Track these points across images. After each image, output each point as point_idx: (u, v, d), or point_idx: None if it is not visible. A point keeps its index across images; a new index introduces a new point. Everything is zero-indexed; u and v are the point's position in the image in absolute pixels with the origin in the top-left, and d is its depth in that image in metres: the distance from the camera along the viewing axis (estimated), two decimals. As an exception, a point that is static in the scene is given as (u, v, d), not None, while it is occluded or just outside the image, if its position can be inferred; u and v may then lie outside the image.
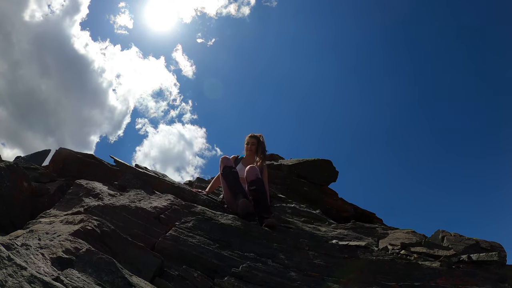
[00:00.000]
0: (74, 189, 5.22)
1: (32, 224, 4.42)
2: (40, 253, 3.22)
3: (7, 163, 5.55)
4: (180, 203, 4.87)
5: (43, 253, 3.21)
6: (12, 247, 3.28)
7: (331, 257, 4.20)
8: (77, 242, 3.36)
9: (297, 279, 3.75)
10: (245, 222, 4.77)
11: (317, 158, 11.43)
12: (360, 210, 10.64)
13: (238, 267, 3.81)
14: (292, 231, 4.85)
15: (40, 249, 3.29)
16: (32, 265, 2.76)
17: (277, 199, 8.61)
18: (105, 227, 3.80)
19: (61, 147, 7.51)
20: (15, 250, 3.19)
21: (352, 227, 6.11)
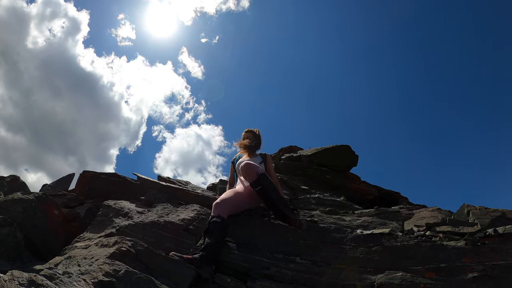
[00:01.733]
0: (103, 210, 5.41)
1: (68, 249, 4.63)
2: (82, 279, 3.42)
3: (36, 195, 5.79)
4: (206, 211, 5.04)
5: (84, 279, 3.41)
6: (55, 277, 3.48)
7: (357, 248, 4.31)
8: (115, 264, 3.56)
9: (325, 273, 3.90)
10: (271, 222, 4.93)
11: (336, 145, 11.47)
12: (384, 191, 10.68)
13: (268, 268, 3.98)
14: (317, 225, 4.98)
15: (81, 275, 3.50)
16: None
17: (301, 190, 8.69)
18: (139, 246, 4.01)
19: (84, 170, 7.75)
20: (59, 280, 3.39)
21: (376, 213, 6.18)
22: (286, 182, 8.99)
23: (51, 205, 5.83)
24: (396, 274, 3.86)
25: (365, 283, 3.81)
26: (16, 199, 5.59)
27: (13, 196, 5.78)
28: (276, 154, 13.03)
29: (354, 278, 3.90)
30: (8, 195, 6.01)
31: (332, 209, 6.70)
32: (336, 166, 11.10)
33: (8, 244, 4.89)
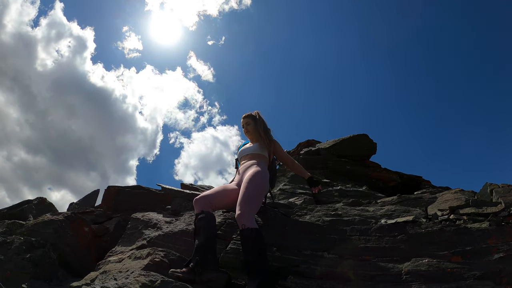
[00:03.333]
0: (132, 223, 5.53)
1: (102, 264, 4.78)
2: (121, 292, 3.55)
3: (65, 215, 5.97)
4: (233, 215, 5.15)
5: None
6: (94, 292, 3.63)
7: (382, 238, 4.38)
8: (150, 275, 3.69)
9: (353, 266, 3.99)
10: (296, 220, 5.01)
11: (353, 135, 11.52)
12: (406, 176, 10.71)
13: (297, 265, 4.09)
14: (341, 219, 5.05)
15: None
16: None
17: (322, 184, 8.75)
18: (171, 256, 4.15)
19: (109, 186, 7.92)
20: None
21: (398, 201, 6.24)
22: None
23: (80, 223, 5.99)
24: (423, 260, 3.92)
25: (393, 272, 3.88)
26: (46, 221, 5.75)
27: (43, 218, 5.94)
28: (294, 150, 13.09)
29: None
30: (38, 218, 6.18)
31: (355, 200, 6.75)
32: (356, 156, 11.14)
33: (43, 265, 5.03)
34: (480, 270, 3.66)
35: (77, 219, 6.02)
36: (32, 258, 5.00)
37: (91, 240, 6.03)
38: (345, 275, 3.91)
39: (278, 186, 8.47)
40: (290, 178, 9.01)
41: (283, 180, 9.00)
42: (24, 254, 5.08)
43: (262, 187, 4.63)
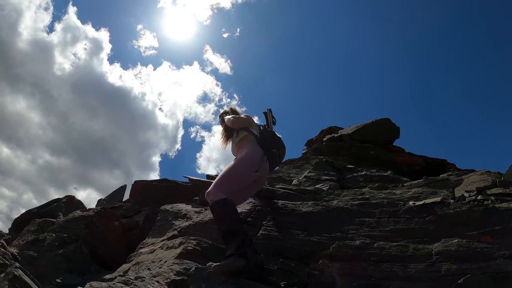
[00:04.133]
0: (161, 215, 5.60)
1: (134, 256, 4.87)
2: (155, 281, 3.63)
3: (95, 210, 6.09)
4: (262, 202, 5.19)
5: (158, 280, 3.62)
6: (129, 282, 3.71)
7: (411, 219, 4.39)
8: (184, 263, 3.77)
9: (384, 248, 4.01)
10: (326, 205, 5.04)
11: (375, 119, 11.47)
12: (431, 160, 10.65)
13: (328, 248, 4.12)
14: (369, 202, 5.06)
15: (154, 278, 3.71)
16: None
17: (347, 170, 8.76)
18: (203, 243, 4.23)
19: (136, 180, 8.07)
20: (133, 284, 3.61)
21: (425, 183, 6.22)
22: (332, 163, 9.05)
23: (110, 218, 6.09)
24: (452, 241, 3.92)
25: (423, 252, 3.89)
26: (77, 217, 5.87)
27: (73, 214, 6.06)
28: (317, 137, 13.09)
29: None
30: (68, 215, 6.29)
31: (381, 185, 6.75)
32: (379, 141, 11.10)
33: (76, 259, 5.14)
34: (509, 250, 3.65)
35: (107, 214, 6.13)
36: (65, 253, 5.12)
37: (122, 234, 6.14)
38: (377, 257, 3.92)
39: (303, 173, 8.48)
40: (314, 165, 9.03)
41: (307, 168, 9.02)
42: (57, 250, 5.19)
43: (236, 166, 4.52)
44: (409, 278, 3.67)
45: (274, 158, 4.82)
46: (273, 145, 4.83)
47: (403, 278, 3.68)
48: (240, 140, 4.88)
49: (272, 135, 4.94)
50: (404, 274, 3.71)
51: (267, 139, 4.81)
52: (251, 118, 5.07)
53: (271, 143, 4.82)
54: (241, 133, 4.92)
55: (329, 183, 7.48)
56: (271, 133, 4.97)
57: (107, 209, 6.51)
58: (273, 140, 4.87)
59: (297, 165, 9.71)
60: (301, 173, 8.68)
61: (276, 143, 4.90)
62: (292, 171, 9.19)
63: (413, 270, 3.71)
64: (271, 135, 4.92)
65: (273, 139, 4.90)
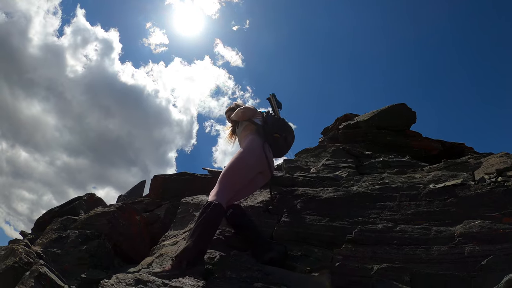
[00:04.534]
0: (182, 207, 5.64)
1: (157, 249, 4.93)
2: (181, 271, 3.65)
3: (117, 205, 6.15)
4: (282, 190, 5.22)
5: (183, 270, 3.65)
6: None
7: (432, 202, 4.40)
8: (208, 253, 3.82)
9: (406, 231, 4.03)
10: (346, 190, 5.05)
11: (391, 105, 11.42)
12: (448, 144, 10.60)
13: (351, 233, 4.14)
14: (389, 186, 5.06)
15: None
16: (178, 282, 3.16)
17: (365, 156, 8.75)
18: (226, 233, 4.29)
19: (155, 175, 8.13)
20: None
21: (444, 166, 6.21)
22: (349, 151, 9.03)
23: (132, 213, 6.15)
24: (474, 222, 3.94)
25: (446, 235, 3.91)
26: (99, 213, 5.94)
27: (95, 211, 6.14)
28: (333, 125, 13.07)
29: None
30: (90, 212, 6.37)
31: (399, 170, 6.74)
32: (395, 126, 11.06)
33: (100, 255, 5.21)
34: (532, 230, 3.65)
35: (128, 209, 6.19)
36: (88, 249, 5.19)
37: (143, 228, 6.21)
38: (400, 240, 3.93)
39: (321, 161, 8.48)
40: (331, 153, 9.04)
41: (325, 156, 9.03)
42: (81, 246, 5.26)
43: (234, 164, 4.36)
44: (432, 260, 3.68)
45: (278, 143, 4.69)
46: (275, 130, 4.68)
47: (426, 260, 3.70)
48: (242, 132, 4.85)
49: (275, 120, 4.82)
50: (427, 256, 3.73)
51: (269, 125, 4.69)
52: (253, 108, 4.96)
53: (274, 128, 4.68)
54: (242, 124, 4.89)
55: (348, 170, 7.47)
56: (275, 118, 4.85)
57: (128, 204, 6.57)
58: (276, 125, 4.73)
59: (314, 154, 9.71)
60: (318, 162, 8.69)
61: (280, 127, 4.76)
62: (309, 160, 9.19)
63: (436, 253, 3.72)
64: (274, 120, 4.80)
65: (276, 123, 4.77)
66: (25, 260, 4.56)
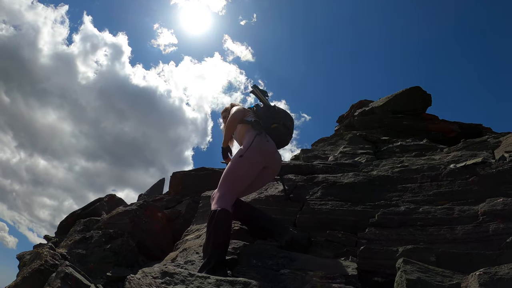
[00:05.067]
0: (203, 201, 5.69)
1: (180, 244, 4.97)
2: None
3: (138, 204, 6.21)
4: (302, 178, 5.23)
5: (206, 262, 3.68)
6: (180, 266, 3.78)
7: (454, 182, 4.38)
8: (232, 243, 3.86)
9: (429, 212, 4.02)
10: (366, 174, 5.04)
11: (405, 89, 11.35)
12: (466, 125, 10.52)
13: (374, 217, 4.14)
14: (410, 168, 5.04)
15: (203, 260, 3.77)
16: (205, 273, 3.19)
17: (382, 142, 8.73)
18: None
19: (174, 172, 8.20)
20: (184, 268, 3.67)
21: (464, 146, 6.18)
22: (366, 137, 9.01)
23: (153, 210, 6.21)
24: (497, 200, 3.90)
25: (469, 214, 3.88)
26: (121, 212, 6.00)
27: (117, 210, 6.21)
28: (348, 113, 13.04)
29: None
30: (112, 211, 6.43)
31: (418, 153, 6.71)
32: (411, 110, 11.01)
33: (124, 253, 5.26)
34: (555, 205, 3.63)
35: (150, 206, 6.25)
36: (112, 248, 5.24)
37: (166, 224, 6.26)
38: (424, 221, 3.92)
39: (338, 149, 8.48)
40: (348, 140, 9.05)
41: (342, 144, 9.03)
42: (105, 245, 5.32)
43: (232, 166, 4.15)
44: (457, 240, 3.67)
45: (278, 132, 4.46)
46: (271, 120, 4.47)
47: (451, 240, 3.68)
48: (238, 134, 4.63)
49: (266, 110, 4.62)
50: (451, 236, 3.71)
51: (262, 118, 4.49)
52: (241, 108, 4.68)
53: (269, 119, 4.49)
54: (237, 128, 4.62)
55: (366, 156, 7.46)
56: (266, 108, 4.64)
57: (149, 202, 6.63)
58: (270, 116, 4.53)
59: (331, 142, 9.72)
60: (336, 150, 8.69)
61: (274, 115, 4.55)
62: (326, 149, 9.20)
63: (460, 232, 3.70)
64: (266, 111, 4.60)
65: (270, 114, 4.56)
66: (50, 262, 4.62)
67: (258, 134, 4.21)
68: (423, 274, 2.76)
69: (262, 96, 4.78)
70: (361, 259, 3.53)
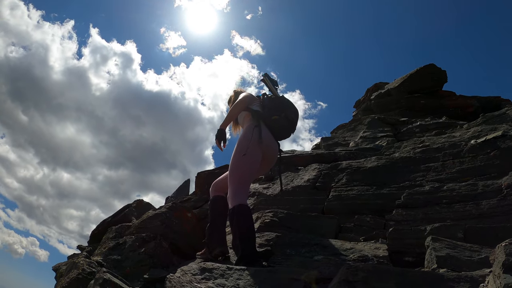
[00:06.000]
0: (230, 198, 5.80)
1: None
2: (241, 256, 3.81)
3: (167, 206, 6.35)
4: (326, 166, 5.32)
5: (243, 256, 3.80)
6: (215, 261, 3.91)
7: (476, 157, 4.44)
8: (265, 235, 3.98)
9: (454, 189, 4.09)
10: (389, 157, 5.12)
11: (419, 67, 11.29)
12: (484, 99, 10.46)
13: (400, 198, 4.23)
14: (431, 148, 5.10)
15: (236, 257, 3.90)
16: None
17: (401, 123, 8.74)
18: (279, 214, 4.43)
19: (198, 172, 8.28)
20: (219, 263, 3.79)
21: (483, 120, 6.19)
22: (384, 120, 9.03)
23: (183, 211, 6.33)
24: (520, 172, 3.94)
25: (493, 188, 3.94)
26: (151, 216, 6.14)
27: (147, 214, 6.35)
28: (364, 97, 13.04)
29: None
30: (142, 216, 6.58)
31: (438, 131, 6.74)
32: (427, 88, 10.95)
33: (158, 255, 5.39)
34: None
35: (179, 208, 6.38)
36: (147, 251, 5.38)
37: (196, 224, 6.39)
38: (449, 199, 3.99)
39: (358, 134, 8.53)
40: (367, 124, 9.05)
41: (361, 129, 9.05)
42: (139, 249, 5.46)
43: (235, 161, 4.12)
44: (483, 215, 3.74)
45: (280, 124, 4.32)
46: (272, 112, 4.31)
47: (477, 215, 3.76)
48: (243, 122, 4.52)
49: (271, 101, 4.48)
50: (477, 211, 3.78)
51: (265, 108, 4.37)
52: (249, 95, 4.57)
53: (271, 111, 4.34)
54: (241, 114, 4.54)
55: (386, 139, 7.50)
56: (271, 99, 4.51)
57: (177, 203, 6.76)
58: (274, 107, 4.38)
59: (350, 128, 9.75)
60: (356, 135, 8.74)
61: (277, 106, 4.41)
62: (346, 135, 9.24)
63: (486, 207, 3.77)
64: (271, 101, 4.47)
65: (274, 104, 4.43)
66: (87, 270, 4.76)
67: (256, 126, 4.15)
68: (452, 250, 2.84)
69: (271, 86, 4.79)
70: (391, 241, 3.60)
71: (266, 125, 4.23)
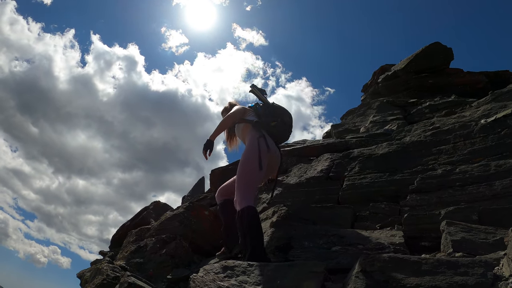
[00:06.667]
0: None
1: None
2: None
3: (184, 206, 6.43)
4: (338, 156, 5.37)
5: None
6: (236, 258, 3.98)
7: (487, 137, 4.45)
8: (282, 229, 4.02)
9: (466, 171, 4.11)
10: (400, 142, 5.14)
11: (424, 47, 11.24)
12: (492, 74, 10.38)
13: (413, 183, 4.27)
14: (441, 130, 5.11)
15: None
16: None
17: (410, 105, 8.72)
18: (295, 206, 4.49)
19: (212, 170, 8.33)
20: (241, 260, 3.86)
21: (492, 98, 6.14)
22: (393, 102, 9.02)
23: (200, 209, 6.41)
24: (533, 150, 3.95)
25: (506, 168, 3.94)
26: (170, 217, 6.23)
27: (165, 216, 6.44)
28: (371, 80, 12.99)
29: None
30: (160, 218, 6.67)
31: (448, 111, 6.72)
32: (434, 67, 10.89)
33: (179, 254, 5.48)
34: None
35: (196, 207, 6.45)
36: (168, 252, 5.46)
37: (214, 221, 6.45)
38: (462, 181, 4.01)
39: (368, 119, 8.54)
40: (376, 108, 9.03)
41: (370, 113, 9.05)
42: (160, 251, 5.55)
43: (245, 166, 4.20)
44: (497, 195, 3.74)
45: (278, 128, 4.54)
46: (270, 118, 4.53)
47: (491, 196, 3.76)
48: (241, 133, 4.71)
49: (265, 108, 4.69)
50: (491, 192, 3.79)
51: (262, 116, 4.57)
52: (241, 108, 4.76)
53: (268, 117, 4.56)
54: (239, 126, 4.74)
55: (396, 122, 7.50)
56: (264, 107, 4.72)
57: (194, 202, 6.82)
58: (269, 114, 4.60)
59: (359, 113, 9.75)
60: (366, 120, 8.74)
61: (273, 113, 4.62)
62: (356, 120, 9.25)
63: (499, 187, 3.78)
64: (265, 109, 4.67)
65: (268, 111, 4.63)
66: (112, 275, 4.84)
67: (260, 136, 4.27)
68: (467, 234, 2.88)
69: (260, 95, 4.95)
70: (406, 227, 3.66)
71: (267, 132, 4.41)
